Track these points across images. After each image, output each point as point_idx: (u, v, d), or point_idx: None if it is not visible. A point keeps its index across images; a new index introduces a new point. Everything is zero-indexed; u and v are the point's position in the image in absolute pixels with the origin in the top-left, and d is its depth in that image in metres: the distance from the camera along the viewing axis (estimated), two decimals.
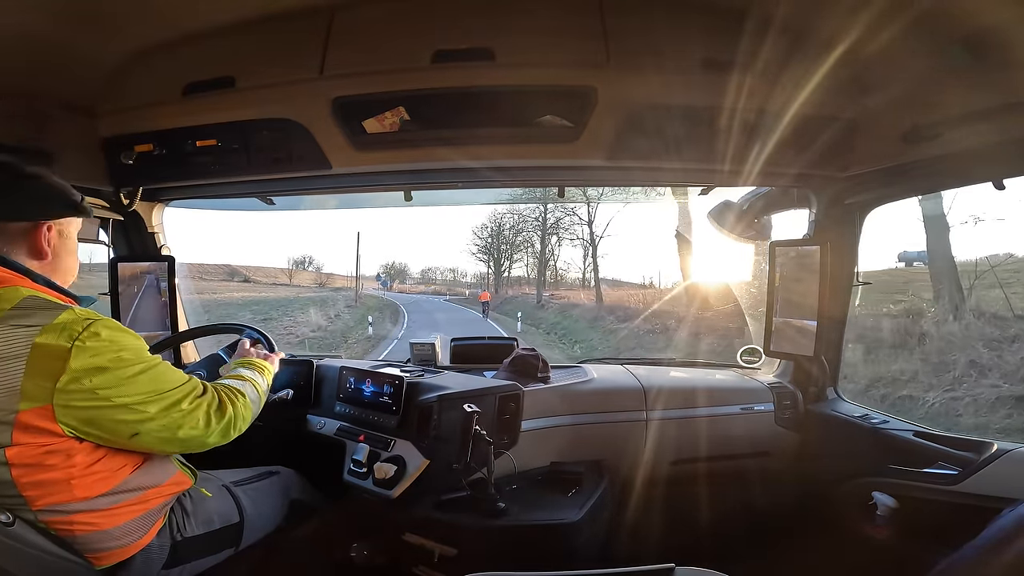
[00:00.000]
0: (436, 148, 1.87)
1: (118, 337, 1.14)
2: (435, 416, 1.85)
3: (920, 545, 1.69)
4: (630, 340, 16.67)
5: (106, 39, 1.74)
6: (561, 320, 23.50)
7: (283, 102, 1.83)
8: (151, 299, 2.45)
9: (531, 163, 1.97)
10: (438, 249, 67.71)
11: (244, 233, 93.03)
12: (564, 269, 41.54)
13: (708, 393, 2.35)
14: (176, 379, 1.24)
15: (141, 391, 1.15)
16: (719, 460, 2.28)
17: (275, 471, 1.81)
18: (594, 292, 30.16)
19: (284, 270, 43.20)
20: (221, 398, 1.32)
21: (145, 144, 1.98)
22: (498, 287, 43.10)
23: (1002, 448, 1.66)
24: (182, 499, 1.40)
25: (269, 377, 1.61)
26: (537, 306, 30.38)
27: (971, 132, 1.56)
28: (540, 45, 1.70)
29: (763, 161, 1.88)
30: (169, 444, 1.23)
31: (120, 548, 1.22)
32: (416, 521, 1.80)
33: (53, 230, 1.24)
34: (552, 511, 1.83)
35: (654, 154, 1.86)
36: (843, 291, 2.20)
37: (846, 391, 2.41)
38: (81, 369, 1.06)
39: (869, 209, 2.13)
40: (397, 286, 49.58)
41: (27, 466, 1.06)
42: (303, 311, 22.11)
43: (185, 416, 1.22)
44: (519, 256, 43.25)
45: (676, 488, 2.22)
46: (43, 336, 1.05)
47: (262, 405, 1.52)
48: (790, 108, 1.76)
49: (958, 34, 1.42)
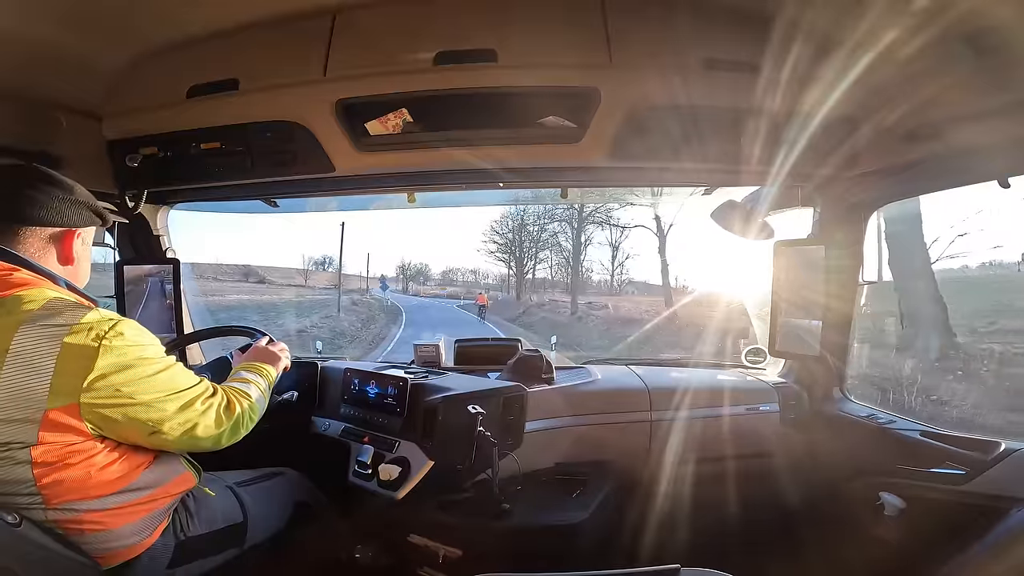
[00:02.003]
0: (439, 149, 1.88)
1: (140, 337, 1.19)
2: (439, 417, 1.85)
3: (928, 545, 1.68)
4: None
5: (110, 42, 1.76)
6: (618, 346, 17.54)
7: (286, 104, 1.84)
8: (156, 301, 2.46)
9: (534, 164, 1.96)
10: (460, 250, 67.15)
11: (268, 234, 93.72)
12: (589, 270, 34.75)
13: (713, 394, 2.35)
14: (190, 379, 1.28)
15: (161, 390, 1.19)
16: (724, 461, 2.27)
17: (279, 472, 1.81)
18: (638, 299, 25.76)
19: (300, 271, 43.00)
20: (229, 399, 1.36)
21: (149, 147, 1.99)
22: (520, 291, 35.55)
23: (1010, 448, 1.65)
24: (186, 499, 1.41)
25: (270, 379, 1.63)
26: (573, 318, 24.76)
27: (976, 130, 1.55)
28: (543, 46, 1.70)
29: (766, 161, 1.88)
30: (185, 442, 1.26)
31: (126, 548, 1.23)
32: (421, 522, 1.81)
33: (80, 237, 1.30)
34: (557, 512, 1.83)
35: (658, 154, 1.86)
36: (848, 290, 2.18)
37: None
38: (107, 367, 1.10)
39: (874, 208, 2.12)
40: (415, 288, 47.97)
41: (49, 464, 1.08)
42: (280, 317, 21.11)
43: (200, 415, 1.26)
44: (543, 255, 36.24)
45: (681, 489, 2.22)
46: (72, 336, 1.08)
47: (266, 406, 1.55)
48: (793, 107, 1.75)
49: (961, 32, 1.42)
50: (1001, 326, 10.48)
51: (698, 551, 2.02)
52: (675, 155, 1.85)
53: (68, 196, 1.26)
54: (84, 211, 1.29)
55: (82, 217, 1.29)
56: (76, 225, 1.28)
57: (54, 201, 1.23)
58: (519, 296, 34.71)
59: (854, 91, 1.75)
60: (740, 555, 1.95)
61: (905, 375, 8.16)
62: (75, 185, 1.29)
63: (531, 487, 1.98)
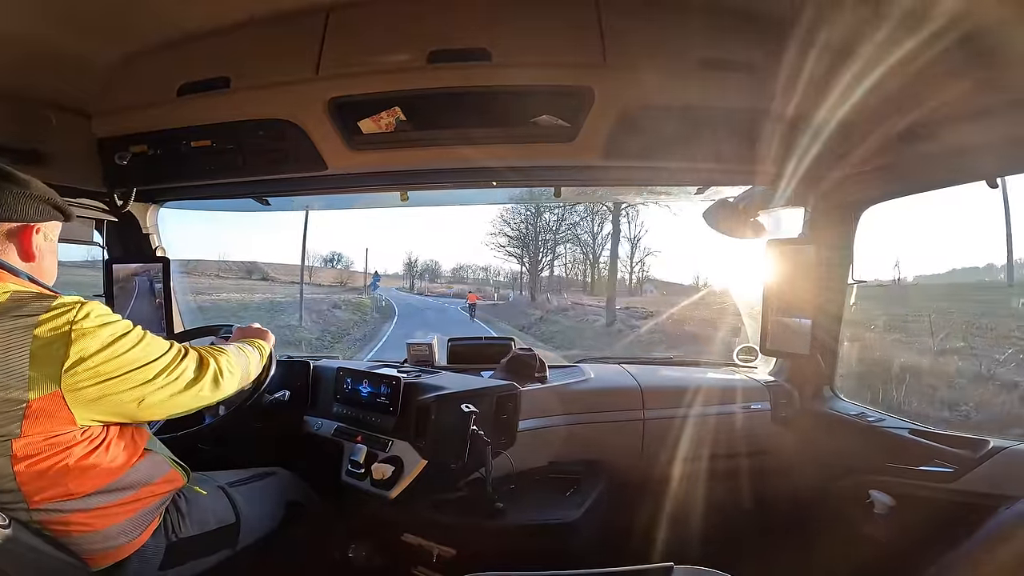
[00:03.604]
0: (432, 148, 1.88)
1: (108, 316, 1.19)
2: (433, 416, 1.85)
3: (918, 543, 1.69)
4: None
5: (100, 40, 1.74)
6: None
7: (278, 103, 1.83)
8: (146, 300, 2.44)
9: (528, 163, 1.96)
10: (472, 245, 65.98)
11: (279, 231, 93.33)
12: (605, 266, 29.91)
13: (705, 392, 2.35)
14: (163, 345, 1.28)
15: (140, 360, 1.19)
16: (717, 459, 2.28)
17: (271, 472, 1.80)
18: (673, 299, 20.10)
19: (306, 267, 42.69)
20: (201, 354, 1.37)
21: (139, 145, 1.98)
22: (535, 291, 30.19)
23: (998, 445, 1.67)
24: (177, 499, 1.41)
25: (260, 348, 1.65)
26: (609, 329, 18.85)
27: (965, 131, 1.56)
28: (537, 45, 1.71)
29: (758, 160, 1.89)
30: (171, 405, 1.27)
31: (116, 548, 1.23)
32: (414, 521, 1.80)
33: (40, 232, 1.27)
34: (550, 511, 1.83)
35: (651, 154, 1.87)
36: (838, 290, 2.20)
37: None
38: (83, 351, 1.09)
39: (864, 208, 2.13)
40: (420, 286, 47.45)
41: (30, 457, 1.08)
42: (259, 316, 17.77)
43: (179, 375, 1.26)
44: (560, 249, 32.10)
45: (674, 487, 2.23)
46: (41, 326, 1.08)
47: (254, 364, 1.58)
48: (785, 107, 1.77)
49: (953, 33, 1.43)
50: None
51: (691, 549, 2.03)
52: (668, 155, 1.86)
53: (23, 191, 1.24)
54: (41, 205, 1.27)
55: (39, 212, 1.26)
56: (33, 220, 1.25)
57: (7, 196, 1.21)
58: (534, 297, 29.92)
59: (845, 92, 1.76)
60: (732, 553, 1.95)
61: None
62: (31, 180, 1.27)
63: (525, 486, 1.98)
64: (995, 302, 12.41)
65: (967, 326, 10.20)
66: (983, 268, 16.11)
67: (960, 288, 15.69)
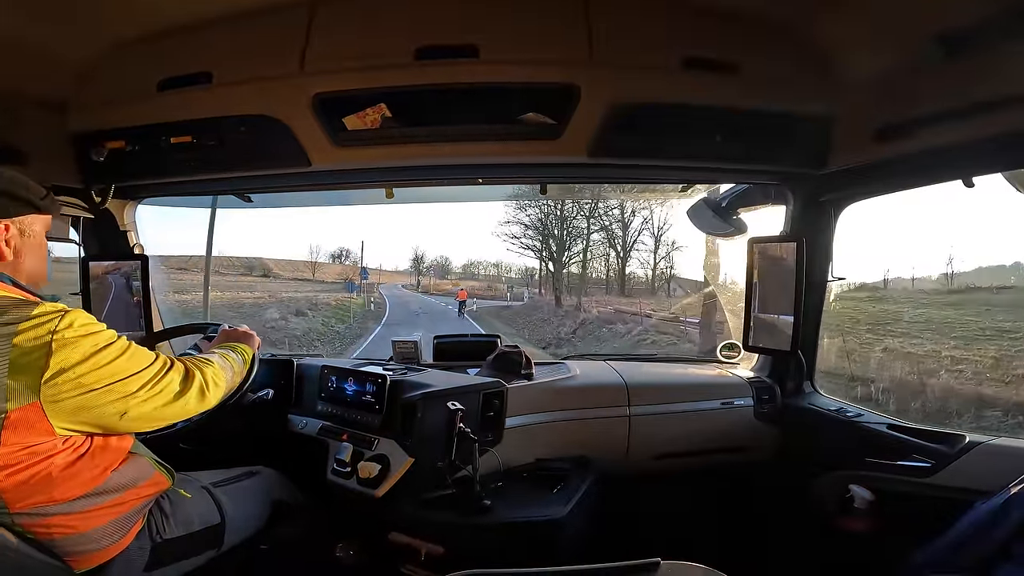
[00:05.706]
0: (418, 145, 1.87)
1: (91, 325, 1.15)
2: (419, 414, 1.85)
3: (896, 537, 1.72)
4: None
5: (78, 33, 1.70)
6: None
7: (262, 98, 1.81)
8: (123, 299, 2.39)
9: (513, 160, 1.97)
10: (484, 240, 63.93)
11: (290, 228, 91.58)
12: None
13: (689, 388, 2.38)
14: (149, 356, 1.25)
15: (122, 372, 1.15)
16: (701, 455, 2.30)
17: (256, 471, 1.78)
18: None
19: (310, 263, 41.75)
20: (187, 366, 1.33)
21: (117, 141, 1.93)
22: (560, 292, 24.51)
23: (973, 441, 1.71)
24: (160, 501, 1.39)
25: (244, 354, 1.61)
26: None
27: (943, 130, 1.59)
28: (524, 42, 1.71)
29: (741, 159, 1.92)
30: (155, 418, 1.24)
31: (99, 551, 1.21)
32: (401, 520, 1.79)
33: (12, 229, 1.22)
34: (538, 508, 1.84)
35: (635, 152, 1.88)
36: (819, 287, 2.23)
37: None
38: (64, 361, 1.06)
39: (844, 206, 2.17)
40: (426, 283, 45.37)
41: (10, 467, 1.06)
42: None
43: (164, 388, 1.23)
44: (579, 243, 25.75)
45: (660, 483, 2.25)
46: (21, 334, 1.05)
47: (238, 372, 1.54)
48: (767, 106, 1.80)
49: (931, 32, 1.46)
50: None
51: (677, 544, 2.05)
52: (653, 153, 1.88)
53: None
54: (11, 200, 1.21)
55: (5, 207, 1.20)
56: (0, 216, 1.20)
57: None
58: (559, 300, 23.84)
59: (824, 90, 1.80)
60: (718, 547, 1.98)
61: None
62: (1, 171, 1.22)
63: (512, 483, 1.98)
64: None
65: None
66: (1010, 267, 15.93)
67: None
